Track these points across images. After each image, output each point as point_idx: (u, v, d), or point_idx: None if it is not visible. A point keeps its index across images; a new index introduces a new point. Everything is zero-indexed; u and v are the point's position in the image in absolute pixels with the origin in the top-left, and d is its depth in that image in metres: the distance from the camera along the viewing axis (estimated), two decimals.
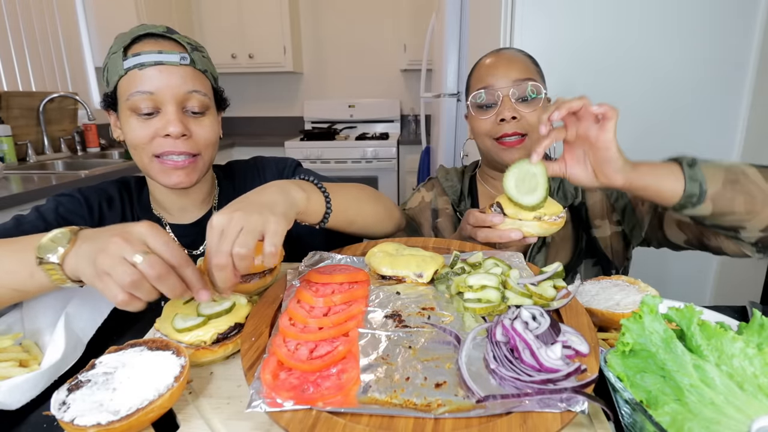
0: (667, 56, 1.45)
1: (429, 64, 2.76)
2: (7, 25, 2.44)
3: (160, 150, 0.81)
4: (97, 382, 0.47)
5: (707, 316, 0.62)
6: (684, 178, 0.68)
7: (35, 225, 0.82)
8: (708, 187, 0.68)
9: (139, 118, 0.80)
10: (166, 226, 0.94)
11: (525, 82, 0.93)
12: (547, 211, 0.73)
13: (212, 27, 3.65)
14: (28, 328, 0.64)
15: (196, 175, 0.86)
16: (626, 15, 1.43)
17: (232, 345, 0.57)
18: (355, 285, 0.62)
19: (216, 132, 0.88)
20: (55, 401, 0.45)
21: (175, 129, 0.79)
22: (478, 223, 0.78)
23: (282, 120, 4.17)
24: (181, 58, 0.81)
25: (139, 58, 0.79)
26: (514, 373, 0.45)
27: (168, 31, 0.84)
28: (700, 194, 0.68)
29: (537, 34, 1.45)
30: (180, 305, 0.60)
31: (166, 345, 0.52)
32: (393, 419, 0.42)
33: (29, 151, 2.46)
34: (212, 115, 0.87)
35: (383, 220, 0.90)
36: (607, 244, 0.97)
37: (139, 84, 0.79)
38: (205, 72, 0.85)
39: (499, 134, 0.94)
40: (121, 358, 0.50)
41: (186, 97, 0.81)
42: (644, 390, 0.42)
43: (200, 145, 0.84)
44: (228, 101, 0.95)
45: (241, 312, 0.60)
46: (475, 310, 0.57)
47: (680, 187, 0.68)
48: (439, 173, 1.15)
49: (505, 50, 1.01)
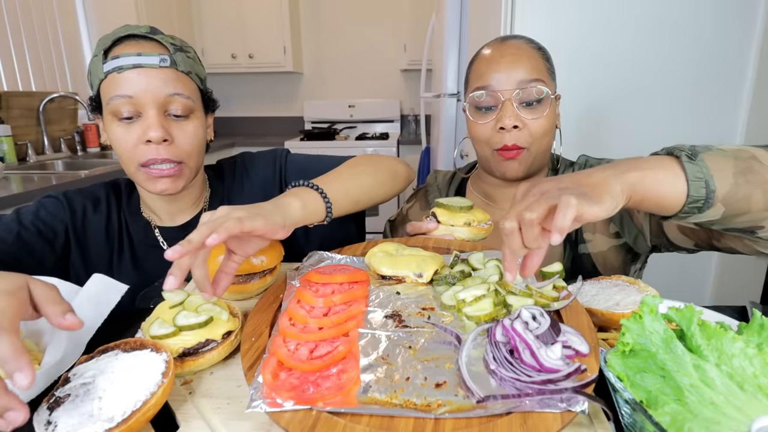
0: (667, 53, 1.45)
1: (429, 64, 2.76)
2: (7, 25, 2.44)
3: (144, 159, 0.79)
4: (78, 395, 0.45)
5: (707, 316, 0.62)
6: (685, 177, 0.54)
7: (9, 228, 0.81)
8: (716, 185, 0.54)
9: (121, 123, 0.79)
10: (155, 229, 0.94)
11: (531, 84, 0.82)
12: (475, 218, 0.81)
13: (212, 27, 3.65)
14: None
15: (182, 182, 0.84)
16: (627, 14, 1.43)
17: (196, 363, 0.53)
18: (355, 285, 0.62)
19: (201, 136, 0.86)
20: (38, 423, 0.42)
21: (155, 134, 0.77)
22: (414, 230, 0.82)
23: (282, 120, 4.17)
24: (161, 60, 0.79)
25: (117, 61, 0.77)
26: (514, 373, 0.45)
27: (151, 32, 0.82)
28: (707, 197, 0.54)
29: (537, 33, 1.45)
30: (166, 309, 0.59)
31: (141, 344, 0.50)
32: (393, 419, 0.42)
33: (29, 151, 2.45)
34: (197, 118, 0.85)
35: (388, 182, 0.88)
36: (602, 261, 0.88)
37: (118, 88, 0.77)
38: (189, 73, 0.83)
39: (499, 145, 0.85)
40: (97, 365, 0.49)
41: (167, 100, 0.79)
42: (644, 390, 0.42)
43: (183, 151, 0.82)
44: (218, 102, 0.93)
45: (218, 328, 0.55)
46: (476, 318, 0.57)
47: (682, 190, 0.54)
48: (429, 180, 1.10)
49: (510, 40, 0.88)
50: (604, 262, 0.88)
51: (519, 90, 0.82)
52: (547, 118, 0.85)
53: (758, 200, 0.55)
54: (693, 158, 0.55)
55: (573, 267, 0.89)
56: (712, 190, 0.54)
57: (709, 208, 0.55)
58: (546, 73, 0.86)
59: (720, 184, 0.54)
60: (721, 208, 0.55)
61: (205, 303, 0.59)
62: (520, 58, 0.84)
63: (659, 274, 1.62)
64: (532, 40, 0.89)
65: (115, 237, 0.92)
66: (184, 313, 0.56)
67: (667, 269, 1.62)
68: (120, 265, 0.91)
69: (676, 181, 0.55)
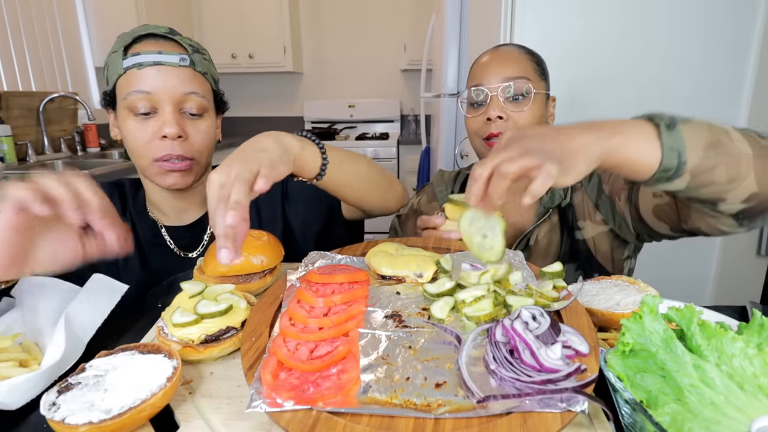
0: (667, 54, 1.45)
1: (429, 64, 2.76)
2: (7, 25, 2.44)
3: (160, 154, 0.81)
4: (87, 384, 0.47)
5: (707, 316, 0.62)
6: (660, 145, 0.56)
7: None
8: (687, 156, 0.56)
9: (137, 119, 0.81)
10: (162, 228, 0.94)
11: (516, 80, 0.90)
12: None
13: (212, 27, 3.65)
14: (28, 328, 0.64)
15: (192, 178, 0.86)
16: (626, 15, 1.43)
17: (218, 349, 0.56)
18: (355, 285, 0.62)
19: (212, 136, 0.88)
20: (44, 402, 0.45)
21: (171, 130, 0.79)
22: (423, 224, 0.83)
23: (282, 120, 4.17)
24: (181, 60, 0.81)
25: (138, 58, 0.79)
26: (514, 373, 0.45)
27: (170, 32, 0.84)
28: (678, 166, 0.57)
29: (537, 33, 1.45)
30: (186, 298, 0.61)
31: (157, 348, 0.53)
32: (393, 419, 0.42)
33: (29, 151, 2.45)
34: (210, 118, 0.87)
35: (382, 186, 0.87)
36: (593, 245, 0.94)
37: (137, 83, 0.79)
38: (205, 74, 0.85)
39: (486, 134, 0.93)
40: (112, 361, 0.51)
41: (184, 98, 0.81)
42: (644, 390, 0.42)
43: (195, 149, 0.84)
44: (228, 104, 0.95)
45: (237, 316, 0.59)
46: (476, 318, 0.56)
47: (656, 157, 0.56)
48: (435, 178, 1.15)
49: (503, 47, 0.99)
50: (596, 247, 0.94)
51: (504, 85, 0.91)
52: (531, 111, 0.92)
53: (722, 173, 0.58)
54: (671, 128, 0.57)
55: (572, 252, 0.95)
56: (683, 162, 0.57)
57: (678, 177, 0.58)
58: (533, 73, 0.94)
59: (691, 156, 0.57)
60: (688, 178, 0.58)
61: (223, 292, 0.62)
62: (509, 60, 0.94)
63: (660, 275, 1.62)
64: (523, 46, 0.98)
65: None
66: (204, 302, 0.59)
67: (667, 269, 1.62)
68: (127, 264, 0.92)
69: (652, 150, 0.57)
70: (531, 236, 0.95)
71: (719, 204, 0.62)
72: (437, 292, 0.61)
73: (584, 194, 0.95)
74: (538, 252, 0.95)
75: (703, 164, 0.57)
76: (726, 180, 0.59)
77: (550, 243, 0.95)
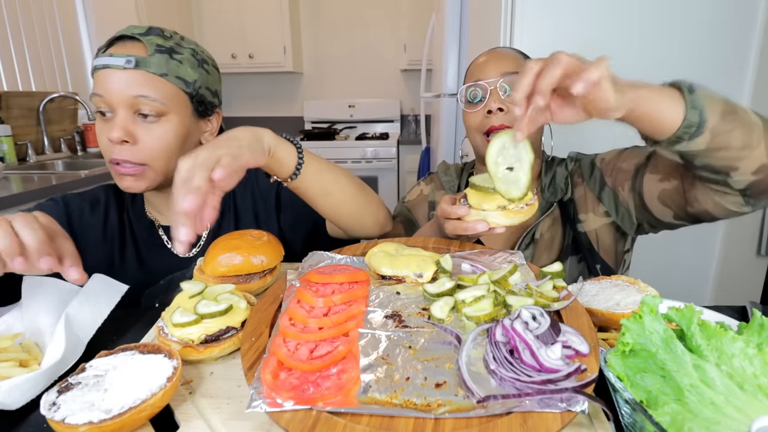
0: (666, 56, 1.45)
1: (429, 64, 2.76)
2: (7, 25, 2.44)
3: (110, 156, 0.82)
4: (87, 384, 0.47)
5: (707, 316, 0.62)
6: (685, 104, 0.62)
7: None
8: (708, 116, 0.62)
9: (101, 120, 0.83)
10: (159, 228, 0.94)
11: (514, 75, 0.91)
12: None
13: (212, 27, 3.65)
14: (28, 328, 0.64)
15: (145, 183, 0.84)
16: (626, 15, 1.43)
17: (218, 349, 0.56)
18: (355, 285, 0.62)
19: (170, 140, 0.83)
20: (44, 402, 0.45)
21: (114, 134, 0.79)
22: (445, 214, 0.76)
23: (282, 120, 4.17)
24: (126, 62, 0.78)
25: (97, 60, 0.81)
26: (514, 373, 0.45)
27: (146, 32, 0.81)
28: (699, 124, 0.62)
29: (537, 33, 1.45)
30: (186, 298, 0.61)
31: (157, 348, 0.53)
32: (393, 419, 0.42)
33: (29, 151, 2.46)
34: (170, 121, 0.83)
35: (363, 203, 0.84)
36: (595, 237, 0.95)
37: (96, 86, 0.82)
38: (165, 75, 0.81)
39: (486, 128, 0.93)
40: (112, 361, 0.51)
41: (134, 101, 0.79)
42: (644, 390, 0.42)
43: (146, 154, 0.81)
44: (216, 105, 0.92)
45: (237, 316, 0.59)
46: (476, 318, 0.56)
47: (680, 115, 0.62)
48: (440, 168, 1.16)
49: (499, 48, 1.02)
50: (598, 240, 0.95)
51: (502, 79, 0.92)
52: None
53: (738, 137, 0.64)
54: (692, 92, 0.63)
55: (574, 245, 0.96)
56: (704, 119, 0.62)
57: (699, 135, 0.63)
58: None
59: (710, 117, 0.62)
60: (708, 138, 0.63)
61: (223, 292, 0.62)
62: (505, 58, 0.96)
63: (660, 275, 1.62)
64: (516, 49, 1.01)
65: (116, 237, 0.93)
66: (204, 302, 0.59)
67: (667, 269, 1.62)
68: (123, 264, 0.92)
69: (676, 106, 0.62)
70: (536, 230, 0.96)
71: (732, 174, 0.67)
72: (437, 292, 0.61)
73: (586, 188, 0.96)
74: (543, 245, 0.96)
75: (721, 126, 0.62)
76: (741, 146, 0.63)
77: (553, 236, 0.96)
